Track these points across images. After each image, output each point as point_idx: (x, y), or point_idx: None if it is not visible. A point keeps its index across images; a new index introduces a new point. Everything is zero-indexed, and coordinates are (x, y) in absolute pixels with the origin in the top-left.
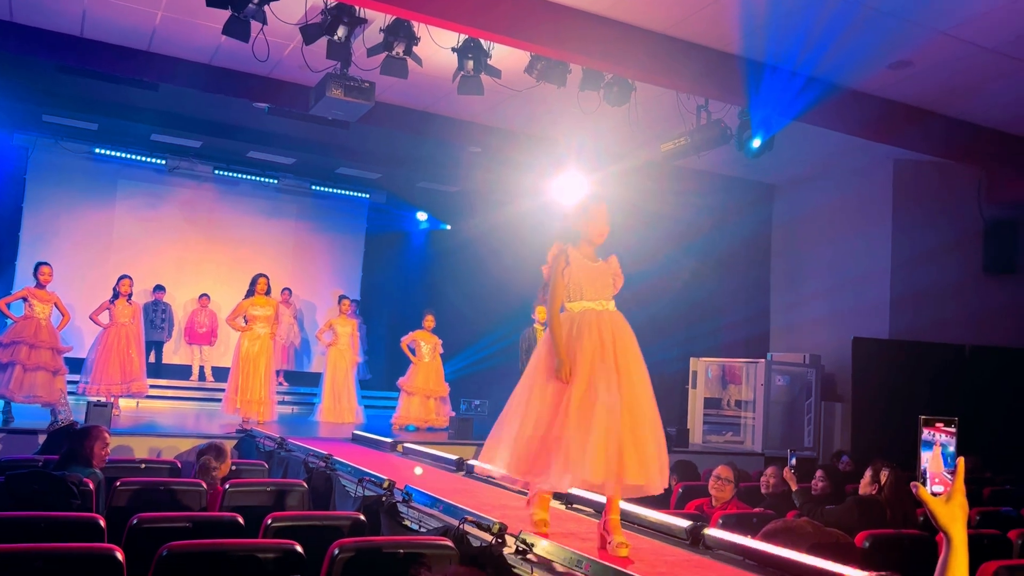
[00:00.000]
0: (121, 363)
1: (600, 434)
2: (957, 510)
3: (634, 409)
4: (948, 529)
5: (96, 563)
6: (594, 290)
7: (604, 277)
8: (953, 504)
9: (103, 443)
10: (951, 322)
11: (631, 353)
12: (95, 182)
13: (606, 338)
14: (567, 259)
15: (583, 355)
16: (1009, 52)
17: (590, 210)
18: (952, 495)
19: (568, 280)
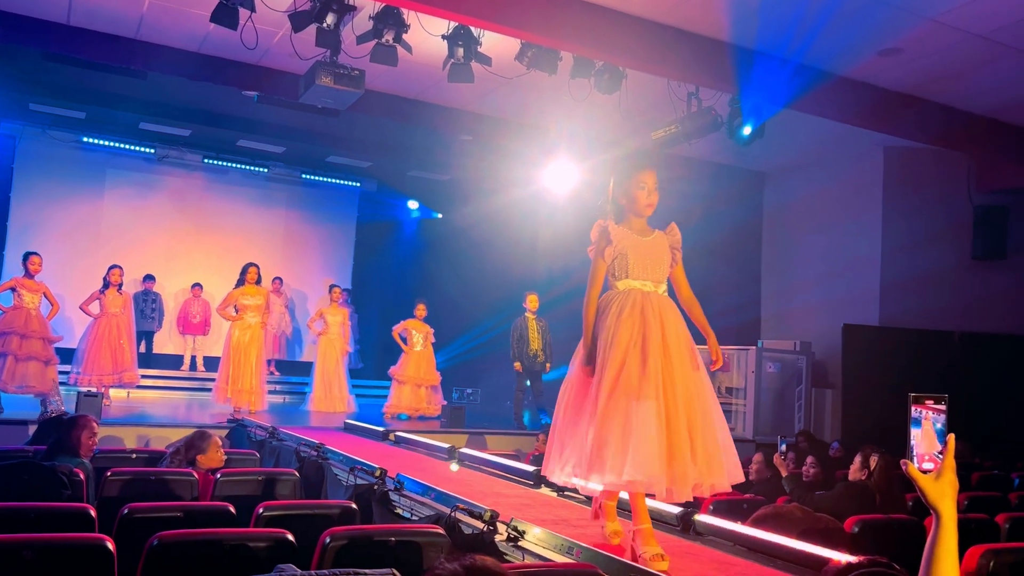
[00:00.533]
0: (112, 353)
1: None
2: (947, 487)
3: (684, 403)
4: (937, 506)
5: (87, 553)
6: (643, 268)
7: (657, 252)
8: (943, 481)
9: (91, 433)
10: (941, 309)
11: (682, 340)
12: (83, 171)
13: (651, 322)
14: (608, 238)
15: (619, 340)
16: (998, 39)
17: (635, 178)
18: (942, 472)
19: (612, 259)
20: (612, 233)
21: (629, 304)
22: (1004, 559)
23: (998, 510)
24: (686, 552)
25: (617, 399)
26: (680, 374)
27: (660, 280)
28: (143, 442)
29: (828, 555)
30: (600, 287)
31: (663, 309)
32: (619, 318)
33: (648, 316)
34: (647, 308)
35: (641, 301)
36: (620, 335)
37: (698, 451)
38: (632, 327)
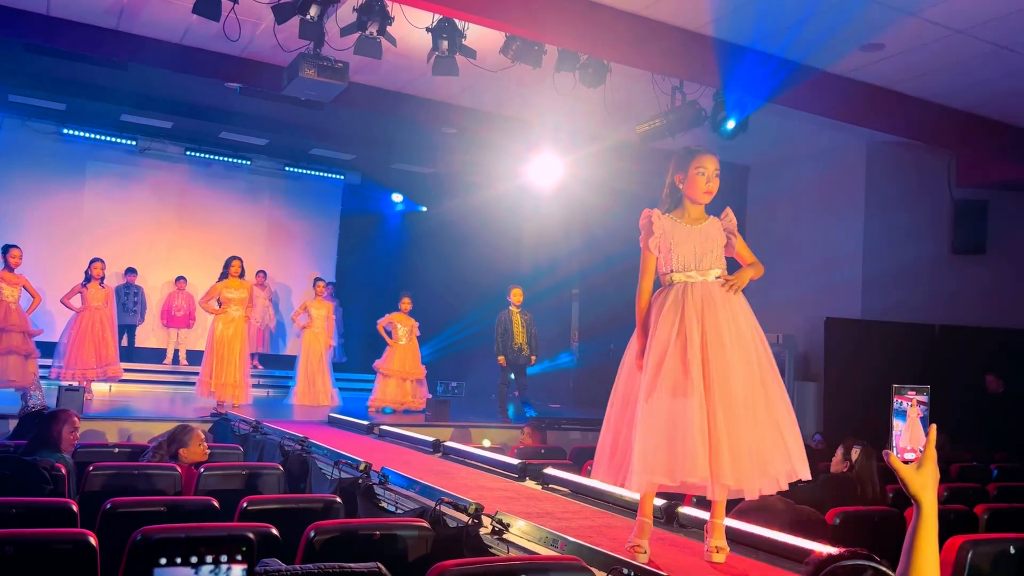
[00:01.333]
0: (96, 347)
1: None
2: (928, 477)
3: (725, 397)
4: (919, 496)
5: (69, 548)
6: (689, 258)
7: (707, 241)
8: (924, 471)
9: (71, 427)
10: (922, 302)
11: (727, 329)
12: (64, 163)
13: (689, 315)
14: (651, 229)
15: (659, 339)
16: (978, 35)
17: (695, 162)
18: (924, 462)
19: (658, 250)
20: (655, 223)
21: (671, 299)
22: (983, 550)
23: (977, 501)
24: (671, 544)
25: (659, 398)
26: (722, 368)
27: (709, 268)
28: (125, 436)
29: (810, 546)
30: (651, 277)
31: (706, 300)
32: (660, 315)
33: (687, 311)
34: (687, 303)
35: (682, 296)
36: (659, 333)
37: (741, 448)
38: (671, 325)
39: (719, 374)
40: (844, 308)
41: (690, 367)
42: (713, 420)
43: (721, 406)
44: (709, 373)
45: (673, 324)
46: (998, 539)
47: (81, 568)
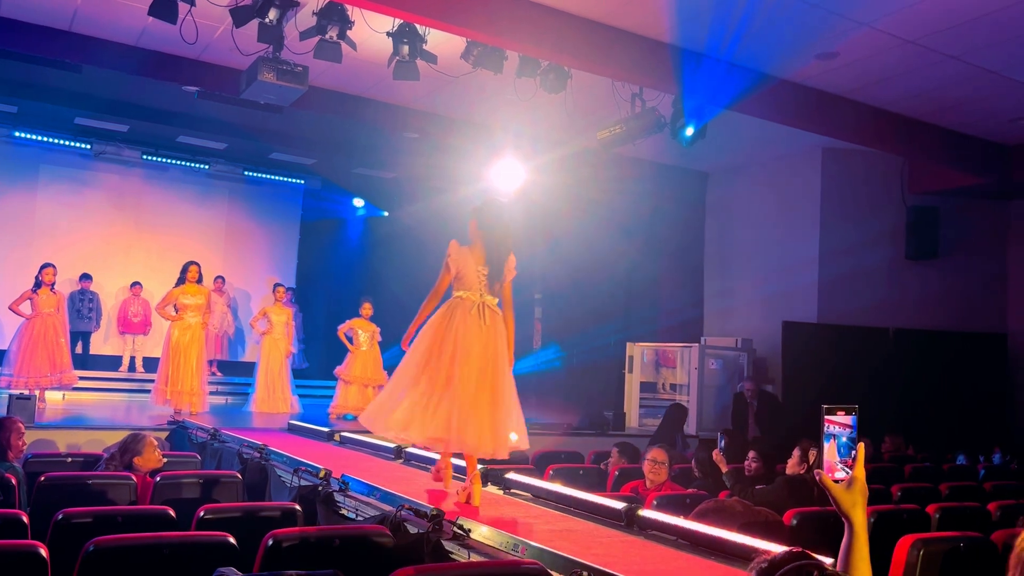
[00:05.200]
0: (49, 354)
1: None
2: (858, 496)
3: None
4: (849, 514)
5: (19, 561)
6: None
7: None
8: (854, 490)
9: (19, 434)
10: (876, 306)
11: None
12: (15, 166)
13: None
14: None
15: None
16: (929, 45)
17: (470, 223)
18: (853, 481)
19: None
20: (454, 253)
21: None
22: (934, 548)
23: (929, 500)
24: (630, 546)
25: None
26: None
27: (486, 292)
28: (79, 446)
29: (767, 547)
30: (443, 290)
31: (484, 314)
32: (445, 317)
33: (467, 319)
34: (469, 314)
35: (463, 307)
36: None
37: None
38: (462, 326)
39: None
40: (801, 312)
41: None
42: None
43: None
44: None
45: (451, 325)
46: (949, 537)
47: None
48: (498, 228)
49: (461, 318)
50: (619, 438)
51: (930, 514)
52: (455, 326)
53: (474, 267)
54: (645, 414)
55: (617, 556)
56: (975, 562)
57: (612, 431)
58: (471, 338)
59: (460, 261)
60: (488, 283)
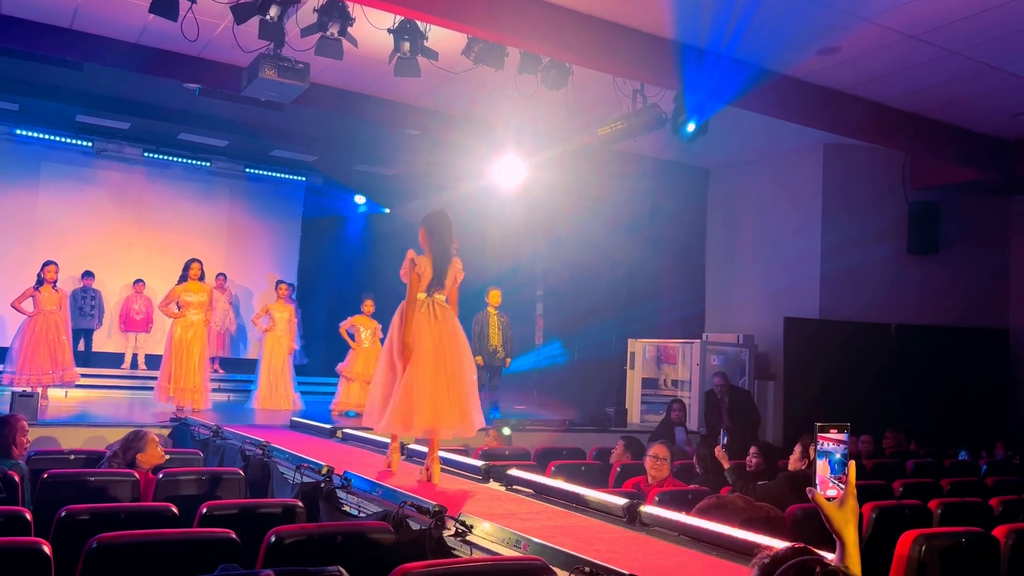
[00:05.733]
0: (51, 352)
1: None
2: (849, 514)
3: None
4: (841, 532)
5: (22, 558)
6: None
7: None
8: (846, 508)
9: (23, 431)
10: (878, 302)
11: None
12: (17, 164)
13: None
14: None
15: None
16: (931, 40)
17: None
18: (845, 499)
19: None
20: (416, 260)
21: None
22: (936, 544)
23: (931, 496)
24: (632, 542)
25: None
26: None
27: (435, 292)
28: (82, 443)
29: (769, 543)
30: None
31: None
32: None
33: (429, 318)
34: (419, 312)
35: (427, 308)
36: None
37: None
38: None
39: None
40: (803, 308)
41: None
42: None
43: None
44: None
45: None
46: (951, 532)
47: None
48: (444, 236)
49: (417, 317)
50: (621, 434)
51: (932, 510)
52: (415, 324)
53: (426, 271)
54: (647, 410)
55: (619, 552)
56: (977, 558)
57: (614, 427)
58: (424, 333)
59: (422, 267)
60: (436, 285)
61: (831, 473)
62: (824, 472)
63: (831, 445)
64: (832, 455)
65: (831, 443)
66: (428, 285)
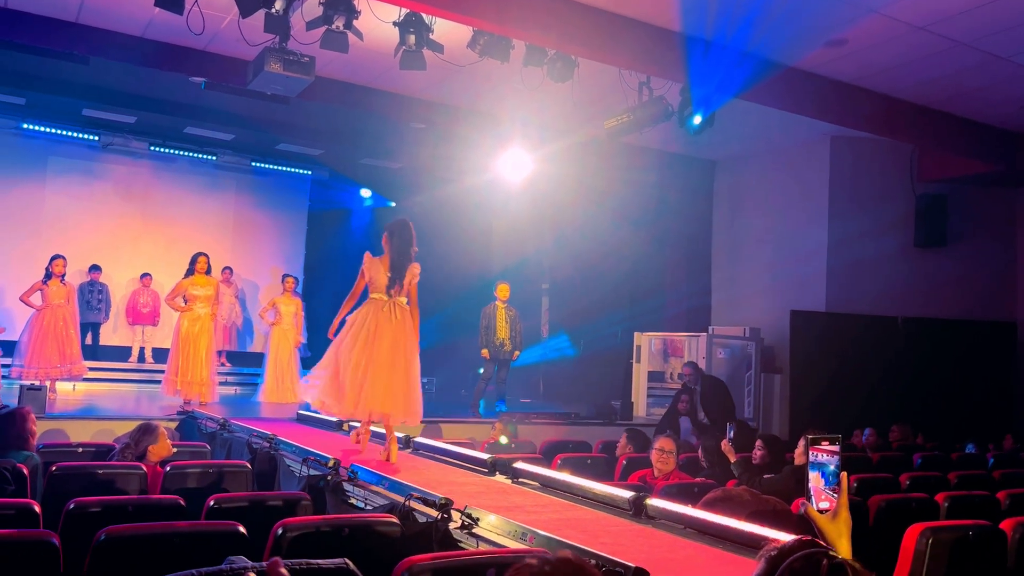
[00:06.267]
0: (59, 345)
1: None
2: (843, 526)
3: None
4: (835, 545)
5: (31, 549)
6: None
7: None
8: (839, 520)
9: (33, 421)
10: (885, 295)
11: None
12: (24, 158)
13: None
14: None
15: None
16: (939, 31)
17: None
18: (838, 511)
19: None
20: (367, 263)
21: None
22: (943, 536)
23: (938, 489)
24: (638, 535)
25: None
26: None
27: (394, 293)
28: (91, 436)
29: (775, 536)
30: (358, 292)
31: (394, 311)
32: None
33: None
34: (381, 311)
35: (376, 306)
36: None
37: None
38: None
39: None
40: (809, 301)
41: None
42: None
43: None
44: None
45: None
46: (958, 525)
47: (44, 569)
48: (403, 242)
49: (374, 315)
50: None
51: (939, 503)
52: (370, 322)
53: (383, 273)
54: (653, 403)
55: (625, 544)
56: (984, 550)
57: (620, 420)
58: (383, 330)
59: (372, 270)
60: (393, 286)
61: (825, 485)
62: (817, 484)
63: (824, 457)
64: (825, 467)
65: (824, 455)
66: (387, 286)
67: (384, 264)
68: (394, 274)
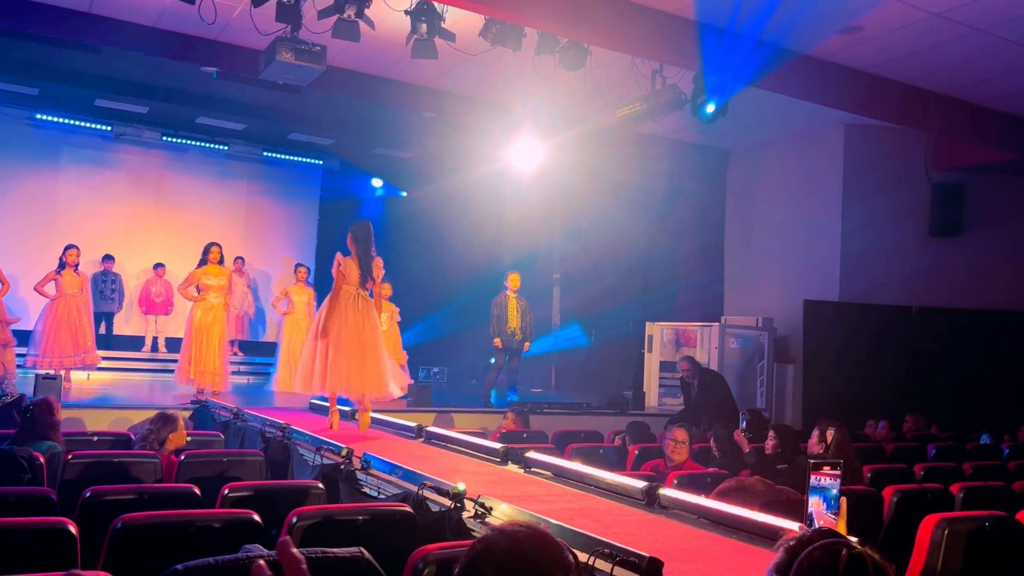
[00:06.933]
0: (73, 335)
1: None
2: None
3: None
4: None
5: (49, 537)
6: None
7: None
8: None
9: (57, 412)
10: (899, 284)
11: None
12: (37, 149)
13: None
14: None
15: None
16: (956, 17)
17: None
18: None
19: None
20: (341, 261)
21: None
22: (958, 528)
23: (953, 480)
24: (651, 524)
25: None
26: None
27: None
28: (108, 425)
29: (789, 526)
30: (339, 288)
31: (358, 301)
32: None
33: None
34: (348, 302)
35: (344, 297)
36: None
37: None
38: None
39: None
40: (823, 290)
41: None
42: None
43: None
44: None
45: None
46: (973, 516)
47: (61, 556)
48: (366, 241)
49: (342, 304)
50: (638, 418)
51: (954, 494)
52: (338, 310)
53: (354, 270)
54: (665, 393)
55: (639, 534)
56: (1001, 542)
57: (631, 411)
58: (349, 318)
59: (346, 267)
60: (361, 280)
61: (826, 509)
62: (818, 507)
63: (826, 481)
64: (828, 491)
65: (825, 479)
66: (359, 281)
67: (355, 262)
68: (364, 270)
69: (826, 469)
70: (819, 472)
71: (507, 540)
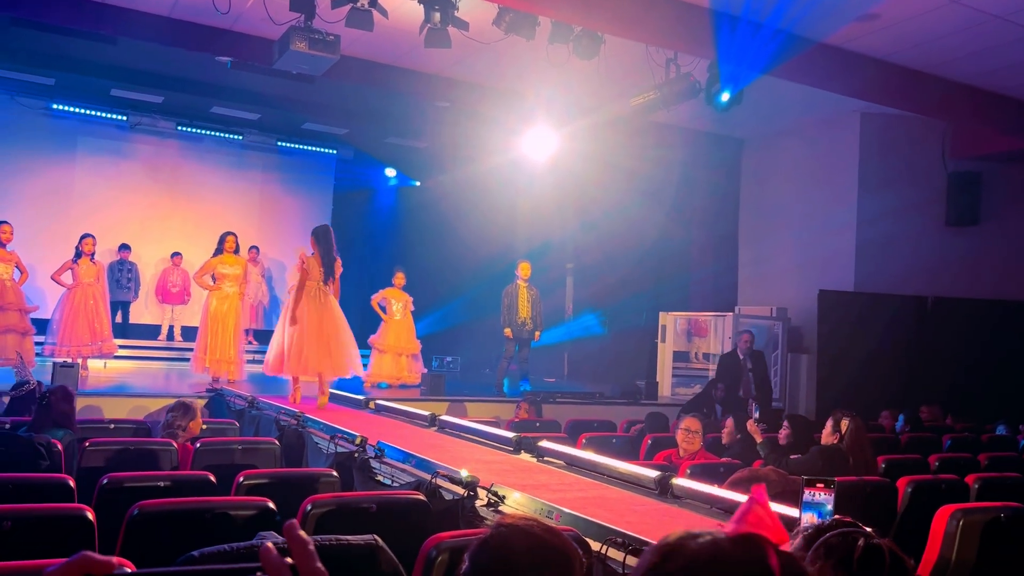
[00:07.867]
0: (90, 323)
1: None
2: None
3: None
4: None
5: (66, 523)
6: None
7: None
8: None
9: (72, 400)
10: (914, 274)
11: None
12: (54, 138)
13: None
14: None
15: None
16: (973, 5)
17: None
18: None
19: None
20: (305, 259)
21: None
22: (973, 519)
23: (968, 471)
24: (664, 514)
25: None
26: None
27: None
28: (126, 413)
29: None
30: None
31: (320, 295)
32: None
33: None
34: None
35: (308, 292)
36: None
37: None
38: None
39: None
40: (837, 280)
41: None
42: None
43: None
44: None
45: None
46: (989, 507)
47: (79, 542)
48: (327, 242)
49: (307, 298)
50: (651, 407)
51: (969, 485)
52: (303, 303)
53: (317, 268)
54: (678, 383)
55: (651, 524)
56: (1016, 533)
57: (644, 400)
58: (311, 309)
59: (309, 265)
60: (324, 277)
61: None
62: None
63: (821, 496)
64: (822, 507)
65: (819, 494)
66: (320, 277)
67: (317, 260)
68: (326, 268)
69: (820, 486)
70: (813, 488)
71: (523, 535)
